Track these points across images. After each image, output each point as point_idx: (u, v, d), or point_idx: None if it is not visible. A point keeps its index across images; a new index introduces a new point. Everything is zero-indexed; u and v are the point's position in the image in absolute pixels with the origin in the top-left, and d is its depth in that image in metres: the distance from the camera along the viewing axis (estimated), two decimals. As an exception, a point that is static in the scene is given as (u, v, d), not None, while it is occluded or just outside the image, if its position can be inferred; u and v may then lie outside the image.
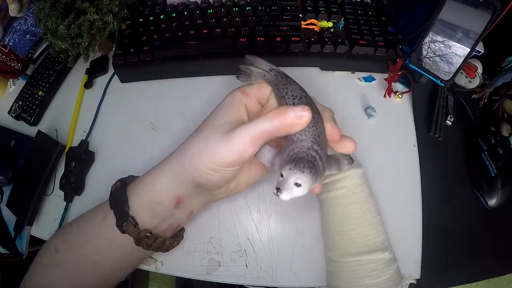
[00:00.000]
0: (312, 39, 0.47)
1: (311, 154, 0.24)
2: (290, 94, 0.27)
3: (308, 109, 0.24)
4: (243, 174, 0.31)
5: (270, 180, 0.41)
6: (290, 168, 0.23)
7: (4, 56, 0.52)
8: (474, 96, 0.50)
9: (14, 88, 0.57)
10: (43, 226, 0.43)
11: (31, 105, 0.51)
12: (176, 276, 0.39)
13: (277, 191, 0.23)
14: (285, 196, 0.23)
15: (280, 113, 0.24)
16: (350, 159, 0.29)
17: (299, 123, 0.24)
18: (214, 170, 0.26)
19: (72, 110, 0.48)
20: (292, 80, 0.29)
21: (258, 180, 0.33)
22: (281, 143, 0.30)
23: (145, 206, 0.29)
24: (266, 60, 0.30)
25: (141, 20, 0.50)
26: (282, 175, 0.23)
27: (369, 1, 0.53)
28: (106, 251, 0.31)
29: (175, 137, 0.31)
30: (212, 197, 0.33)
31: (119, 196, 0.30)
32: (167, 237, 0.32)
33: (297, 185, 0.23)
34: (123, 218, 0.29)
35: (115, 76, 0.50)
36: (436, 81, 0.43)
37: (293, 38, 0.46)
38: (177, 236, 0.34)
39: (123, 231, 0.29)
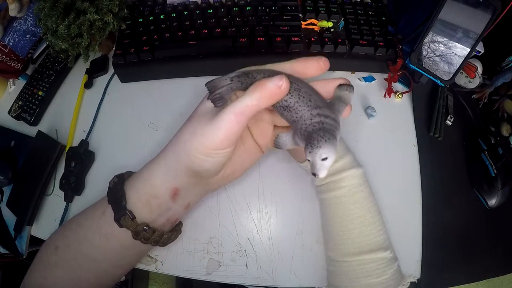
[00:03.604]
0: (312, 39, 0.47)
1: (316, 121, 0.25)
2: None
3: (285, 77, 0.25)
4: (236, 159, 0.32)
5: (270, 180, 0.42)
6: (309, 152, 0.24)
7: (4, 56, 0.52)
8: (474, 96, 0.50)
9: (14, 88, 0.57)
10: (43, 226, 0.43)
11: (31, 105, 0.51)
12: (176, 276, 0.39)
13: (315, 176, 0.24)
14: (322, 174, 0.24)
15: (258, 85, 0.25)
16: (348, 86, 0.28)
17: (279, 91, 0.25)
18: (206, 154, 0.27)
19: (72, 110, 0.48)
20: (254, 71, 0.28)
21: (253, 164, 0.34)
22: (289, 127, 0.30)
23: (142, 201, 0.30)
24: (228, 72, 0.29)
25: (141, 20, 0.50)
26: (309, 160, 0.24)
27: (369, 1, 0.53)
28: (104, 247, 0.31)
29: (175, 137, 0.31)
30: (208, 186, 0.33)
31: (116, 191, 0.30)
32: (165, 231, 0.32)
33: (324, 159, 0.24)
34: (121, 212, 0.29)
35: (115, 76, 0.50)
36: (436, 81, 0.43)
37: (293, 38, 0.46)
38: (175, 230, 0.34)
39: (120, 225, 0.29)
